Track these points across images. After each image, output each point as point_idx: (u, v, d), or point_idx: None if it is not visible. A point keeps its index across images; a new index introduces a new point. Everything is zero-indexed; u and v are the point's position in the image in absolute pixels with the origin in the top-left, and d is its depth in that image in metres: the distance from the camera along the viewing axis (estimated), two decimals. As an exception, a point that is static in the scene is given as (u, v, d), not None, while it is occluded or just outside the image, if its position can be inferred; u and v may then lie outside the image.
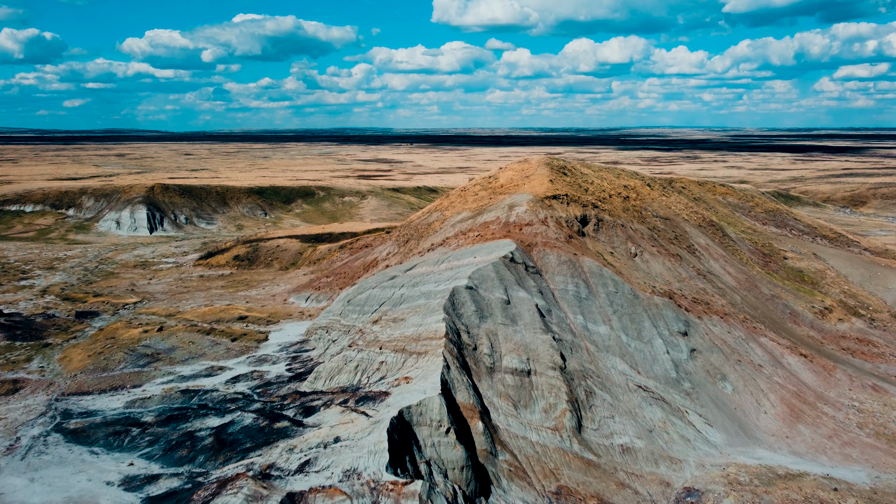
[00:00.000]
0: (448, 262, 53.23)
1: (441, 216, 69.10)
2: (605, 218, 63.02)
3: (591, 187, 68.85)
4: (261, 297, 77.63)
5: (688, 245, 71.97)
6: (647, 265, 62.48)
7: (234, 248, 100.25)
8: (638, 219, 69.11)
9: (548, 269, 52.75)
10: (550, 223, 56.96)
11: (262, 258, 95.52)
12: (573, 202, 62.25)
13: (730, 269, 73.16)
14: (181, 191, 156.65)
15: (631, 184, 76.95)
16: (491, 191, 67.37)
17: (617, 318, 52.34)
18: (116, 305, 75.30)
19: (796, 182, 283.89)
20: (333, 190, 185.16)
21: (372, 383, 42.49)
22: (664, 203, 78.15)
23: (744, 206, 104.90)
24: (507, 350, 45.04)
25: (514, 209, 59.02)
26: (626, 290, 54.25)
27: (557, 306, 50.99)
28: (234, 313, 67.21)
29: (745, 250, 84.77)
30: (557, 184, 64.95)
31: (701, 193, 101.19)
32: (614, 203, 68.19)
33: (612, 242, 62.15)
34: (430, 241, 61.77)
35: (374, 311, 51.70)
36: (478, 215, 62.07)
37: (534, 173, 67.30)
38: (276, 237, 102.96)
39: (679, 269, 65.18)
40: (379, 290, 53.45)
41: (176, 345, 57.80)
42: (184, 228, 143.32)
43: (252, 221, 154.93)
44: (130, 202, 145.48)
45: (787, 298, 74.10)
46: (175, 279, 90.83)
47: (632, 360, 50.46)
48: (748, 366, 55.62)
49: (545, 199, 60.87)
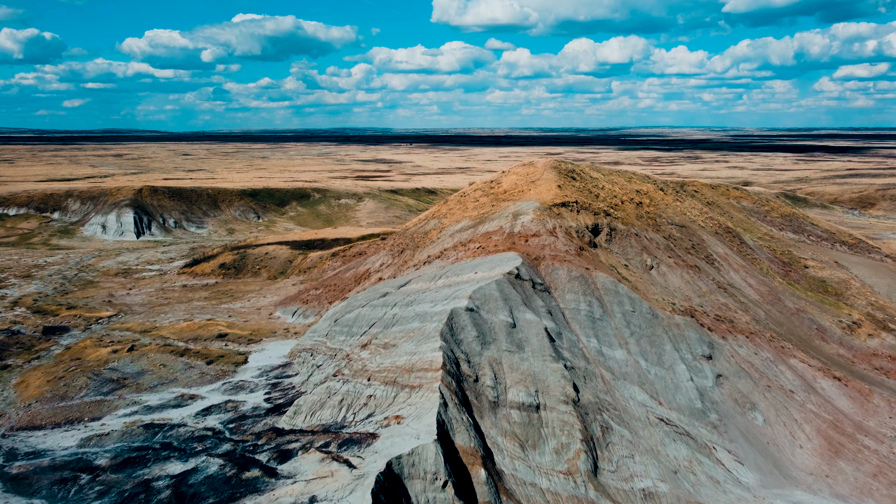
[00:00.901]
0: (446, 278, 47.80)
1: (439, 224, 63.62)
2: (618, 227, 57.56)
3: (601, 193, 63.38)
4: (245, 310, 72.18)
5: (706, 255, 66.56)
6: (664, 278, 57.06)
7: (221, 255, 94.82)
8: (652, 227, 63.67)
9: (557, 285, 47.33)
10: (559, 234, 51.52)
11: (250, 266, 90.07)
12: (583, 210, 56.78)
13: (751, 281, 67.74)
14: (170, 193, 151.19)
15: (644, 188, 71.50)
16: (493, 197, 61.92)
17: (635, 340, 46.89)
18: (89, 320, 69.89)
19: (801, 183, 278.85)
20: (329, 192, 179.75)
21: (358, 421, 37.07)
22: (679, 209, 72.70)
23: (759, 210, 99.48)
24: (512, 381, 39.63)
25: (518, 218, 53.54)
26: (645, 309, 48.81)
27: (568, 328, 45.55)
28: (213, 330, 61.78)
29: (764, 259, 79.37)
30: (566, 189, 59.47)
31: (714, 197, 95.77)
32: (627, 210, 62.72)
33: (627, 254, 56.69)
34: (427, 253, 56.36)
35: (363, 333, 46.26)
36: (479, 224, 56.62)
37: (540, 178, 61.81)
38: (265, 243, 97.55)
39: (698, 282, 59.77)
40: (369, 308, 48.00)
41: (146, 368, 52.37)
42: (172, 232, 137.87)
43: (244, 225, 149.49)
44: (117, 205, 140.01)
45: (813, 312, 68.69)
46: (156, 289, 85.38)
47: (652, 388, 45.03)
48: (779, 392, 50.21)
49: (553, 206, 55.40)
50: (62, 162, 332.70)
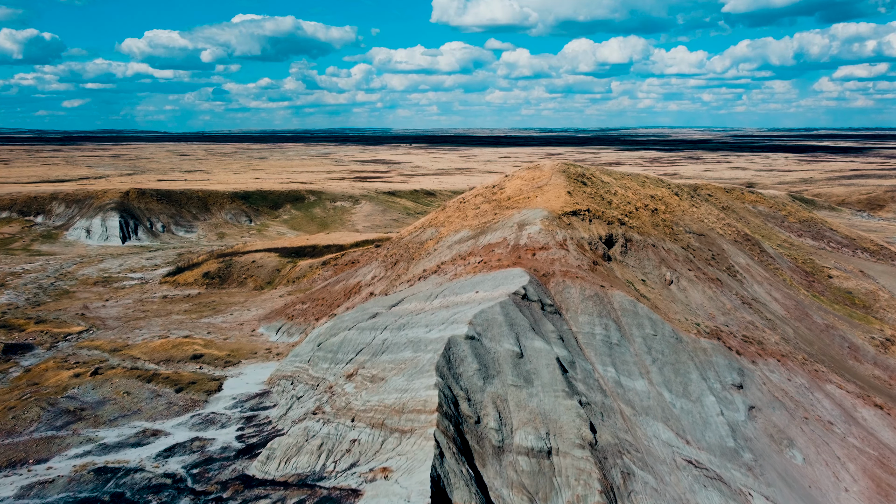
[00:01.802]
0: (443, 298, 42.33)
1: (436, 233, 58.11)
2: (633, 237, 52.08)
3: (614, 199, 57.91)
4: (226, 325, 66.68)
5: (727, 266, 61.09)
6: (685, 294, 51.58)
7: (206, 263, 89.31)
8: (670, 236, 58.19)
9: (569, 306, 41.85)
10: (570, 246, 46.06)
11: (236, 275, 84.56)
12: (596, 219, 51.33)
13: (776, 295, 62.27)
14: (159, 196, 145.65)
15: (658, 193, 66.03)
16: (496, 204, 56.43)
17: (657, 368, 41.41)
18: (57, 336, 64.44)
19: (807, 184, 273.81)
20: (325, 194, 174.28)
21: (339, 472, 31.59)
22: (696, 216, 67.21)
23: (775, 215, 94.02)
24: (520, 422, 34.16)
25: (525, 228, 48.04)
26: (667, 332, 43.32)
27: (582, 356, 40.06)
28: (188, 350, 56.29)
29: (786, 268, 73.91)
30: (576, 196, 53.99)
31: (729, 201, 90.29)
32: (642, 218, 57.25)
33: (644, 267, 51.20)
34: (422, 267, 50.90)
35: (348, 360, 40.77)
36: (480, 235, 51.14)
37: (548, 183, 56.30)
38: (253, 250, 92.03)
39: (721, 297, 54.30)
40: (356, 332, 42.50)
41: (108, 396, 46.87)
42: (160, 237, 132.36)
43: (235, 229, 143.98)
44: (102, 209, 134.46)
45: (843, 328, 63.21)
46: (135, 300, 79.88)
47: (678, 425, 39.56)
48: (817, 424, 44.75)
49: (563, 215, 49.92)
50: (59, 163, 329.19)
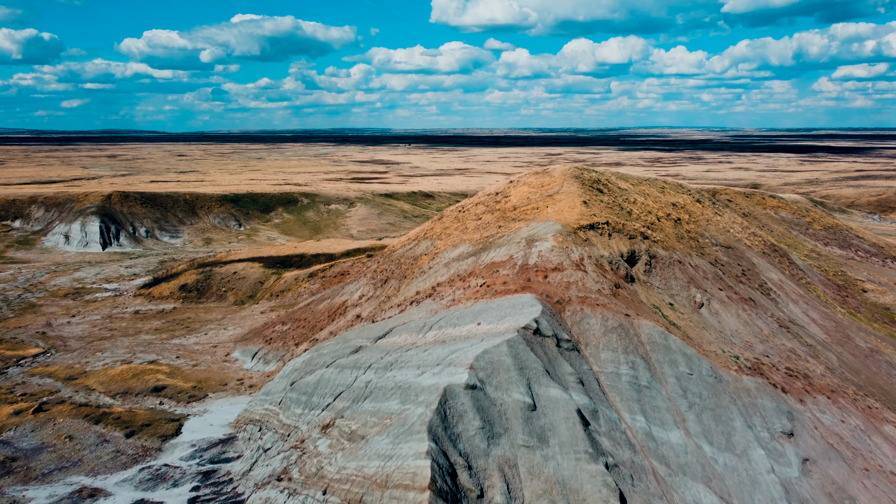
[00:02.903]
0: (438, 330, 35.62)
1: (432, 247, 51.26)
2: (658, 253, 45.35)
3: (634, 209, 51.16)
4: (199, 347, 59.91)
5: (759, 283, 54.35)
6: (717, 319, 44.84)
7: (184, 274, 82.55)
8: (696, 250, 51.42)
9: (589, 340, 35.16)
10: (588, 267, 39.36)
11: (215, 288, 77.77)
12: (616, 233, 44.60)
13: (813, 315, 55.54)
14: (143, 199, 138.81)
15: (680, 201, 59.27)
16: (500, 215, 49.65)
17: (695, 416, 34.66)
18: (9, 360, 57.67)
19: (813, 185, 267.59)
20: (319, 197, 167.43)
21: (305, 565, 24.84)
22: (721, 225, 60.45)
23: (799, 222, 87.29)
24: (534, 494, 27.42)
25: (535, 245, 41.28)
26: (705, 370, 36.57)
27: (606, 402, 33.31)
28: (150, 380, 49.51)
29: (817, 282, 67.18)
30: (593, 206, 47.22)
31: (750, 208, 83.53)
32: (666, 230, 50.52)
33: (671, 288, 44.45)
34: (415, 288, 44.20)
35: (325, 406, 34.02)
36: (482, 251, 44.36)
37: (560, 190, 49.42)
38: (236, 260, 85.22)
39: (757, 321, 47.55)
40: (335, 370, 35.73)
41: (47, 441, 40.13)
42: (143, 243, 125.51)
43: (223, 234, 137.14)
44: (83, 213, 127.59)
45: (888, 352, 56.46)
46: (104, 316, 73.08)
47: (722, 485, 32.81)
48: (879, 477, 37.98)
49: (579, 229, 43.17)
50: (54, 163, 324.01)
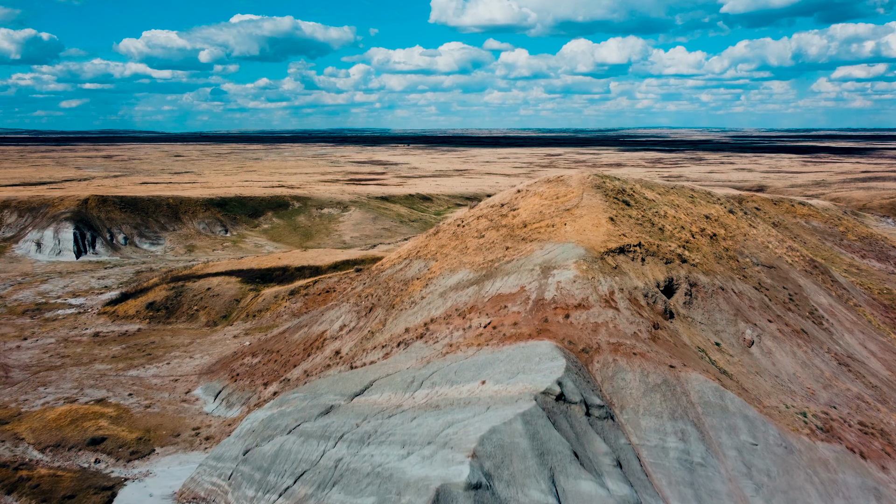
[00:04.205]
0: (431, 388, 27.78)
1: (425, 269, 43.13)
2: (699, 280, 37.50)
3: (665, 224, 43.21)
4: (157, 381, 51.98)
5: (809, 310, 46.46)
6: (771, 359, 36.95)
7: (154, 289, 74.61)
8: (737, 272, 43.53)
9: (626, 402, 27.36)
10: (621, 302, 31.51)
11: (186, 306, 69.81)
12: (651, 256, 36.72)
13: (871, 347, 47.65)
14: (123, 204, 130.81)
15: (713, 212, 51.35)
16: (506, 232, 41.53)
17: (763, 502, 26.73)
18: (-65, 397, 49.74)
19: (820, 187, 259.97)
20: (311, 200, 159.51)
21: None
22: (759, 241, 52.55)
23: (832, 231, 79.45)
24: None
25: (552, 274, 33.23)
26: (772, 438, 28.68)
27: (650, 488, 25.41)
28: (90, 428, 41.62)
29: (863, 302, 59.32)
30: (622, 223, 39.16)
31: (779, 216, 75.67)
32: (703, 249, 42.65)
33: (715, 323, 36.60)
34: (404, 323, 36.26)
35: (282, 490, 26.13)
36: (485, 279, 36.36)
37: (579, 204, 41.28)
38: (212, 273, 77.26)
39: (815, 359, 39.67)
40: (299, 440, 27.83)
41: (-56, 519, 32.27)
42: (121, 251, 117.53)
43: (208, 240, 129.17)
44: (56, 219, 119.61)
45: (957, 389, 48.52)
46: (59, 339, 65.15)
47: None
48: None
49: (607, 254, 35.18)
50: (48, 164, 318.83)
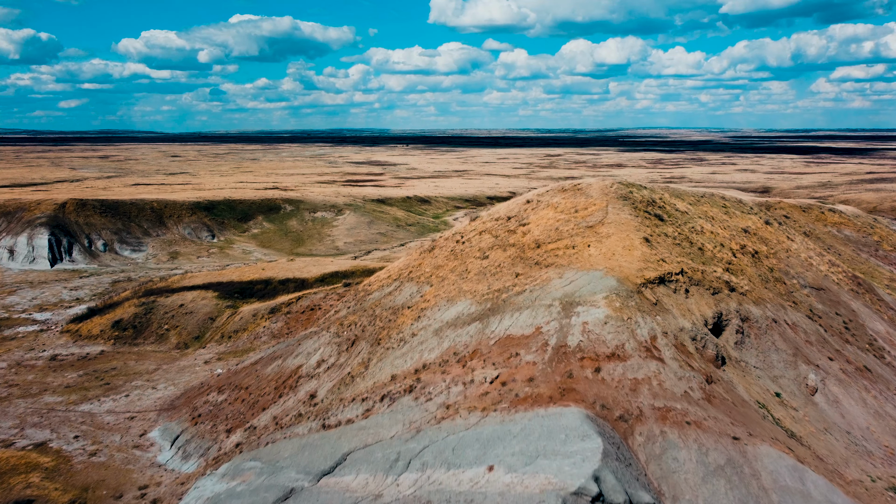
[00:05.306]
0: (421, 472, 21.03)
1: (417, 296, 36.04)
2: (750, 313, 30.71)
3: (703, 241, 36.26)
4: (111, 419, 45.17)
5: (868, 340, 39.72)
6: (839, 410, 30.21)
7: (123, 304, 67.84)
8: (786, 298, 36.78)
9: (679, 491, 20.66)
10: (665, 350, 24.66)
11: (156, 325, 63.03)
12: (695, 286, 29.76)
13: (938, 382, 40.90)
14: (103, 208, 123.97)
15: (750, 225, 44.50)
16: (516, 253, 34.37)
17: None
18: None
19: (827, 189, 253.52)
20: (304, 203, 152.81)
21: None
22: (801, 257, 45.77)
23: (866, 241, 72.78)
24: None
25: (576, 312, 26.17)
26: (868, 534, 21.94)
27: None
28: (17, 486, 34.83)
29: (913, 324, 52.51)
30: (658, 244, 31.98)
31: (809, 225, 68.98)
32: (746, 270, 35.88)
33: (772, 366, 29.87)
34: (390, 369, 29.33)
35: None
36: (491, 314, 29.30)
37: (604, 219, 34.01)
38: (188, 287, 70.43)
39: (886, 405, 32.92)
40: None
41: None
42: (99, 258, 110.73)
43: (193, 247, 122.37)
44: (31, 224, 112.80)
45: None
46: (11, 364, 58.33)
47: None
48: None
49: (645, 286, 28.20)
50: (44, 164, 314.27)
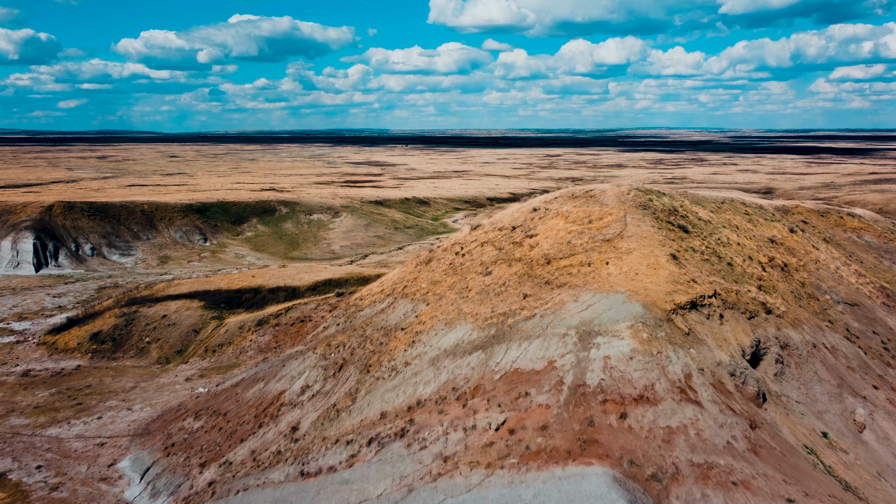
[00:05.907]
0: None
1: (413, 315, 32.21)
2: (790, 339, 27.05)
3: (731, 255, 32.58)
4: (79, 445, 41.49)
5: (909, 363, 36.00)
6: (889, 448, 26.57)
7: (103, 315, 64.16)
8: (822, 317, 33.14)
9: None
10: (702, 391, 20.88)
11: (137, 337, 59.35)
12: (729, 310, 26.05)
13: None
14: (92, 211, 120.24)
15: (776, 234, 40.83)
16: (523, 269, 30.63)
17: None
18: None
19: (831, 189, 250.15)
20: (299, 205, 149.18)
21: None
22: (830, 268, 42.10)
23: (887, 248, 69.13)
24: None
25: (595, 344, 22.34)
26: None
27: None
28: (-36, 529, 31.14)
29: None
30: (687, 262, 28.18)
31: (829, 231, 65.33)
32: (778, 287, 32.23)
33: (816, 401, 26.25)
34: (380, 403, 25.47)
35: None
36: (495, 342, 25.51)
37: (623, 232, 30.21)
38: (172, 296, 66.73)
39: (938, 440, 29.19)
40: None
41: None
42: (87, 263, 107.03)
43: (184, 251, 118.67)
44: (16, 228, 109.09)
45: None
46: (-19, 380, 54.67)
47: None
48: None
49: (675, 312, 24.52)
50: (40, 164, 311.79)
